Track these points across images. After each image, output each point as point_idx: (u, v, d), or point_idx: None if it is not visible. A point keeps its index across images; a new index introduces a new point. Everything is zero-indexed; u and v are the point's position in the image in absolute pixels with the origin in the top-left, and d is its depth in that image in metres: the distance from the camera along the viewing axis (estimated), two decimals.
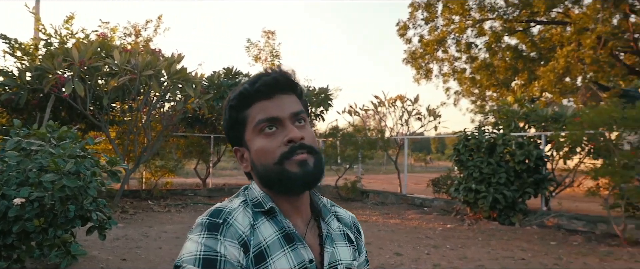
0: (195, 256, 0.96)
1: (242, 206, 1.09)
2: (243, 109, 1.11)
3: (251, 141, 1.10)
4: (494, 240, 8.45)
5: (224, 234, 1.00)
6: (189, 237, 1.01)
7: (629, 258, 7.11)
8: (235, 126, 1.14)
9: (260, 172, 1.10)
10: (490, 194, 10.12)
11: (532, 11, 17.61)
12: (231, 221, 1.03)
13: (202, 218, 1.03)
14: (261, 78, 1.10)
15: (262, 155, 1.08)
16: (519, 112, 11.62)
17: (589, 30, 14.04)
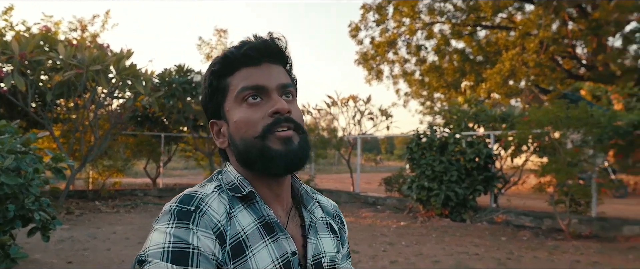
0: (163, 248, 0.85)
1: (216, 191, 0.97)
2: (225, 75, 1.01)
3: (231, 111, 1.00)
4: (447, 237, 8.63)
5: (196, 224, 0.89)
6: (155, 227, 0.89)
7: (575, 251, 7.42)
8: (214, 95, 1.02)
9: (239, 147, 0.99)
10: (442, 192, 10.34)
11: (478, 15, 18.19)
12: (205, 208, 0.92)
13: (170, 205, 0.91)
14: (249, 42, 1.00)
15: (243, 127, 0.97)
16: (469, 112, 11.95)
17: (532, 35, 14.63)
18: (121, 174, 13.96)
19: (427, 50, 19.77)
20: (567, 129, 8.79)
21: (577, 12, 16.66)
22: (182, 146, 15.89)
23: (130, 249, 7.13)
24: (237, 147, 0.99)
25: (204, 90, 1.05)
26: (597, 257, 7.04)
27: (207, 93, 1.04)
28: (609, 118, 8.60)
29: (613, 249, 7.57)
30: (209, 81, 1.02)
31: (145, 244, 0.88)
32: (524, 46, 14.93)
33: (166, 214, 0.90)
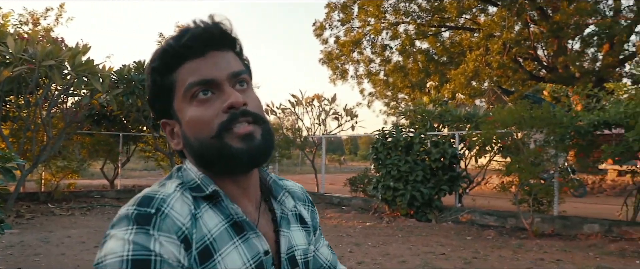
0: (121, 257, 0.76)
1: (178, 191, 0.88)
2: (169, 71, 0.91)
3: (182, 111, 0.91)
4: (413, 237, 8.57)
5: (158, 228, 0.80)
6: (111, 233, 0.80)
7: (539, 250, 7.46)
8: (160, 94, 0.93)
9: (196, 148, 0.90)
10: (408, 192, 10.30)
11: (442, 16, 18.34)
12: (166, 211, 0.83)
13: (127, 209, 0.82)
14: (189, 31, 0.89)
15: (196, 127, 0.89)
16: (434, 113, 11.97)
17: (495, 36, 14.82)
18: (76, 175, 13.41)
19: (392, 50, 19.84)
20: (530, 129, 8.86)
21: (539, 15, 16.99)
22: (141, 146, 15.40)
23: (86, 254, 6.78)
24: (192, 148, 0.91)
25: (148, 88, 0.96)
26: (560, 255, 7.10)
27: (152, 92, 0.95)
28: (571, 118, 8.72)
29: (575, 247, 7.65)
30: (152, 79, 0.93)
31: (99, 253, 0.79)
32: (487, 47, 15.11)
33: (123, 218, 0.81)
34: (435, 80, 18.20)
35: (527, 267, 6.37)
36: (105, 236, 0.81)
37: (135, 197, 0.85)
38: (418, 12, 18.16)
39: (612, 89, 9.83)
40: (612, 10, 17.32)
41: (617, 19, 16.51)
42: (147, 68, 0.95)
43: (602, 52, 17.75)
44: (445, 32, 19.74)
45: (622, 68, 18.22)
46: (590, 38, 18.00)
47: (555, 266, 6.42)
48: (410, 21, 18.02)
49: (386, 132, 11.28)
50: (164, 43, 0.92)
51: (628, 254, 7.09)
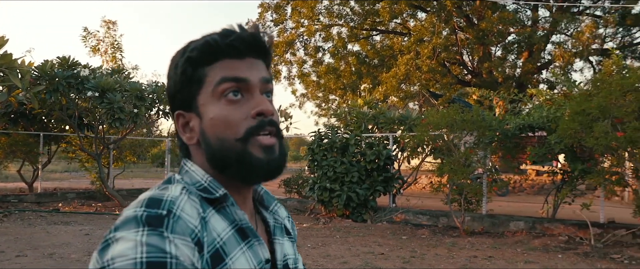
0: (134, 259, 0.71)
1: (185, 193, 0.84)
2: (203, 64, 0.89)
3: (206, 105, 0.89)
4: (351, 237, 8.67)
5: (171, 230, 0.76)
6: (117, 236, 0.74)
7: (471, 247, 7.78)
8: (187, 85, 0.90)
9: (214, 147, 0.88)
10: (344, 192, 10.41)
11: (374, 20, 18.73)
12: (178, 213, 0.79)
13: (134, 210, 0.77)
14: (236, 33, 0.89)
15: (222, 126, 0.87)
16: (368, 114, 12.19)
17: (425, 41, 15.31)
18: None
19: (325, 52, 20.00)
20: (461, 131, 9.22)
21: (465, 22, 17.76)
22: (63, 146, 14.54)
23: (6, 264, 6.28)
24: (210, 147, 0.89)
25: (173, 77, 0.93)
26: (491, 252, 7.43)
27: (178, 81, 0.91)
28: (499, 122, 9.17)
29: (503, 244, 8.05)
30: (183, 67, 0.90)
31: (102, 257, 0.73)
32: (418, 52, 15.58)
33: (130, 220, 0.76)
34: (367, 82, 18.53)
35: (463, 264, 6.62)
36: (106, 240, 0.76)
37: (138, 200, 0.81)
38: (351, 15, 18.44)
39: (532, 94, 10.45)
40: (531, 20, 18.42)
41: (535, 29, 17.59)
42: (178, 56, 0.92)
43: (522, 59, 18.82)
44: (376, 36, 20.15)
45: (540, 74, 19.44)
46: (511, 45, 19.06)
47: (488, 263, 6.71)
48: (344, 24, 18.26)
49: (322, 133, 11.35)
50: (208, 37, 0.90)
51: (551, 249, 7.55)
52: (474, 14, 17.58)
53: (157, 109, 11.42)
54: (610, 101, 7.00)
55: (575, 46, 16.28)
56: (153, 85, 11.31)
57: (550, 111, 8.76)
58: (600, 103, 7.06)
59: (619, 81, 6.92)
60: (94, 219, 10.40)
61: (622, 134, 6.62)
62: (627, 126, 6.71)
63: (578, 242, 8.04)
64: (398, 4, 15.98)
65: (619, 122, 6.99)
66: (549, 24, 17.81)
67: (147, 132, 16.29)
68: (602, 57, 18.50)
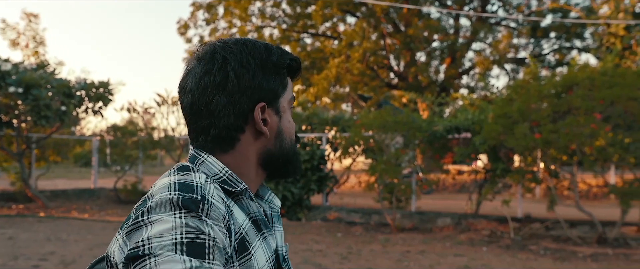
0: (173, 240, 0.71)
1: (210, 181, 0.88)
2: (291, 75, 1.03)
3: (285, 110, 1.00)
4: (288, 235, 8.82)
5: (207, 214, 0.78)
6: (153, 218, 0.75)
7: (403, 243, 8.18)
8: (279, 85, 0.97)
9: (285, 147, 1.00)
10: (279, 192, 10.55)
11: (305, 23, 19.00)
12: (210, 199, 0.82)
13: (169, 194, 0.79)
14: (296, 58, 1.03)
15: (292, 131, 1.03)
16: (302, 115, 12.41)
17: (356, 45, 15.78)
18: None
19: None
20: (393, 132, 9.65)
21: (393, 28, 18.47)
22: None
23: None
24: (283, 146, 1.00)
25: (268, 73, 0.96)
26: (423, 247, 7.86)
27: (274, 79, 0.97)
28: (428, 123, 9.69)
29: (433, 239, 8.52)
30: (281, 71, 0.98)
31: (134, 240, 0.73)
32: (348, 55, 16.01)
33: (164, 203, 0.77)
34: (298, 84, 18.76)
35: (397, 259, 6.97)
36: (136, 223, 0.77)
37: (167, 184, 0.83)
38: (283, 17, 18.60)
39: (455, 97, 11.14)
40: (453, 29, 19.47)
41: (457, 37, 18.62)
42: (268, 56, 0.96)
43: (445, 65, 19.83)
44: (307, 38, 20.46)
45: (461, 80, 20.58)
46: (433, 51, 20.03)
47: (420, 257, 7.11)
48: (276, 26, 18.39)
49: None
50: (294, 55, 1.02)
51: (476, 243, 8.10)
52: (401, 21, 18.31)
53: (86, 107, 10.98)
54: (528, 106, 7.63)
55: (493, 54, 17.40)
56: (82, 82, 10.86)
57: (474, 114, 9.38)
58: (520, 107, 7.69)
59: (537, 87, 7.57)
60: (16, 222, 9.85)
61: (539, 136, 7.24)
62: (543, 128, 7.35)
63: (500, 235, 8.68)
64: (330, 9, 16.34)
65: (536, 125, 7.64)
66: (469, 32, 18.90)
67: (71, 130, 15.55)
68: (516, 65, 19.91)
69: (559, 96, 7.29)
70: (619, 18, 8.31)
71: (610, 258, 6.84)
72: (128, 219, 0.84)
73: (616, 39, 8.47)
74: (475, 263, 6.70)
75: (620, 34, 8.43)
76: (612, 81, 6.88)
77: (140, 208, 0.80)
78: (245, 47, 0.97)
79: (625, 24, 8.23)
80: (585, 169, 8.32)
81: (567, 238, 8.00)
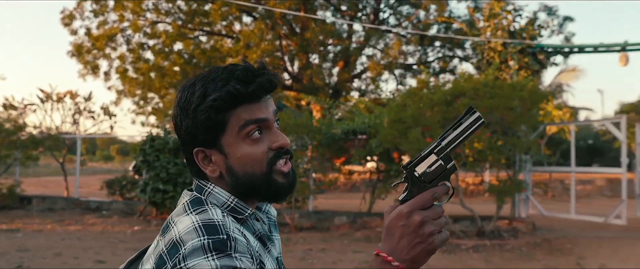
0: None
1: (226, 216, 0.96)
2: (227, 110, 0.97)
3: (232, 145, 0.99)
4: None
5: (235, 250, 0.88)
6: (190, 265, 0.85)
7: (304, 242, 8.47)
8: (210, 128, 0.98)
9: (243, 180, 1.00)
10: (178, 194, 10.35)
11: (201, 20, 18.65)
12: (234, 235, 0.91)
13: (201, 240, 0.87)
14: (256, 80, 0.98)
15: (249, 163, 0.99)
16: None
17: (254, 45, 15.85)
18: None
19: (149, 49, 19.26)
20: (294, 134, 9.92)
21: (289, 30, 18.77)
22: None
23: None
24: (238, 179, 1.00)
25: (193, 119, 0.98)
26: (323, 245, 8.21)
27: (201, 125, 0.98)
28: (327, 126, 10.08)
29: (331, 237, 8.91)
30: (207, 114, 0.97)
31: None
32: (246, 56, 16.04)
33: (198, 250, 0.86)
34: None
35: (301, 257, 7.23)
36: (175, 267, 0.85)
37: (193, 228, 0.89)
38: (179, 14, 18.13)
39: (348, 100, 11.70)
40: (347, 34, 20.24)
41: (351, 42, 19.41)
42: (198, 101, 0.97)
43: (338, 68, 20.54)
44: (203, 36, 20.11)
45: (353, 83, 21.46)
46: (327, 54, 20.67)
47: (322, 255, 7.43)
48: (172, 22, 17.86)
49: (154, 134, 11.11)
50: (229, 86, 0.96)
51: (372, 240, 8.62)
52: (297, 24, 18.68)
53: None
54: (421, 112, 8.29)
55: (384, 59, 18.39)
56: None
57: (371, 118, 9.94)
58: (414, 113, 8.32)
59: (429, 95, 8.24)
60: None
61: (430, 140, 7.90)
62: (434, 133, 8.03)
63: None
64: (229, 7, 16.24)
65: (427, 130, 8.31)
66: (362, 38, 19.77)
67: None
68: (404, 70, 21.19)
69: (448, 103, 7.99)
70: (498, 35, 9.31)
71: (488, 248, 7.66)
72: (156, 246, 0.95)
73: (495, 54, 9.48)
74: None
75: (498, 49, 9.44)
76: (492, 91, 7.71)
77: (174, 254, 0.87)
78: (182, 93, 1.00)
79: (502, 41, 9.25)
80: (467, 169, 9.17)
81: (452, 232, 8.78)
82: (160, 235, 0.99)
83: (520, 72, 9.43)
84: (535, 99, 8.20)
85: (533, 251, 7.29)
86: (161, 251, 0.91)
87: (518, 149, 8.35)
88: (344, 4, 19.89)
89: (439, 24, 18.31)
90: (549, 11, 15.96)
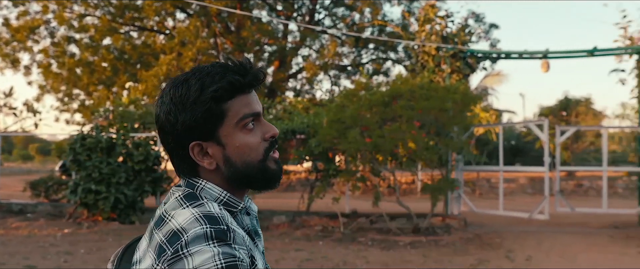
0: (215, 266, 0.88)
1: (222, 209, 1.00)
2: (225, 101, 1.02)
3: (229, 136, 1.03)
4: (126, 239, 8.26)
5: (233, 240, 0.93)
6: (193, 250, 0.89)
7: None
8: (209, 119, 1.01)
9: (240, 169, 1.05)
10: (112, 194, 9.99)
11: (132, 15, 18.03)
12: (232, 227, 0.96)
13: (203, 228, 0.91)
14: (249, 70, 1.04)
15: (247, 152, 1.04)
16: (135, 114, 11.88)
17: (189, 43, 15.53)
18: None
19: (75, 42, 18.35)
20: None
21: (224, 29, 18.54)
22: None
23: None
24: (236, 169, 1.04)
25: (191, 112, 1.01)
26: (266, 244, 8.22)
27: (201, 116, 1.01)
28: None
29: (271, 236, 8.93)
30: (208, 105, 1.00)
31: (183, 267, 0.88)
32: (180, 53, 15.70)
33: (200, 237, 0.90)
34: (123, 79, 17.73)
35: None
36: (175, 255, 0.89)
37: (195, 218, 0.93)
38: (109, 7, 17.41)
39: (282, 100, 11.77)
40: (282, 34, 20.28)
41: (287, 42, 19.46)
42: (197, 93, 1.00)
43: (273, 68, 20.54)
44: (134, 32, 19.44)
45: (288, 83, 21.52)
46: (262, 54, 20.62)
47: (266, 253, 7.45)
48: (102, 16, 17.13)
49: (85, 133, 10.65)
50: (229, 76, 1.01)
51: (312, 238, 8.74)
52: (232, 22, 18.49)
53: None
54: (360, 113, 8.50)
55: (320, 60, 18.60)
56: None
57: (310, 118, 10.05)
58: (353, 114, 8.52)
59: (368, 96, 8.47)
60: None
61: (369, 140, 8.13)
62: (372, 133, 8.26)
63: (331, 230, 9.44)
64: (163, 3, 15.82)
65: (365, 130, 8.53)
66: (298, 38, 19.88)
67: None
68: (338, 71, 21.52)
69: (386, 104, 8.25)
70: (432, 40, 9.71)
71: (425, 244, 7.99)
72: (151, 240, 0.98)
73: (429, 57, 9.88)
74: (316, 256, 7.27)
75: (432, 53, 9.85)
76: (428, 94, 8.05)
77: (175, 241, 0.91)
78: (173, 90, 1.03)
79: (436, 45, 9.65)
80: (404, 169, 9.50)
81: (389, 229, 9.07)
82: (154, 229, 1.00)
83: (453, 75, 9.88)
84: (467, 102, 8.64)
85: (466, 246, 7.69)
86: (159, 241, 0.94)
87: (451, 149, 8.76)
88: (279, 4, 19.92)
89: (374, 27, 18.74)
90: (477, 18, 16.78)
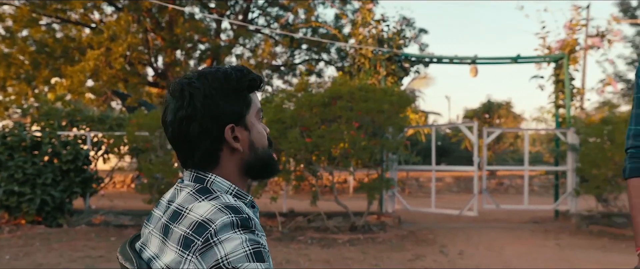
0: (246, 252, 0.97)
1: (236, 200, 1.12)
2: (253, 91, 1.21)
3: (254, 124, 1.19)
4: (54, 243, 8.08)
5: (255, 228, 1.05)
6: (222, 238, 0.98)
7: None
8: (245, 105, 1.17)
9: (260, 155, 1.19)
10: (37, 196, 9.48)
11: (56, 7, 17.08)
12: (251, 216, 1.06)
13: (230, 217, 1.01)
14: (257, 74, 1.22)
15: (263, 139, 1.20)
16: (62, 111, 11.32)
17: (120, 38, 14.96)
18: None
19: None
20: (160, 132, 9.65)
21: (154, 25, 18.00)
22: None
23: None
24: (257, 155, 1.19)
25: (238, 96, 1.16)
26: None
27: (243, 100, 1.17)
28: None
29: None
30: (245, 93, 1.18)
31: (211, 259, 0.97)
32: (109, 48, 15.10)
33: (227, 225, 1.00)
34: (45, 74, 16.73)
35: None
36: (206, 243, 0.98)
37: (217, 209, 1.03)
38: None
39: None
40: (215, 31, 20.01)
41: (220, 40, 19.23)
42: (238, 81, 1.16)
43: (205, 66, 20.21)
44: (56, 24, 18.43)
45: None
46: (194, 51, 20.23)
47: None
48: (21, 6, 16.09)
49: (6, 131, 10.03)
50: (255, 73, 1.20)
51: None
52: (162, 18, 18.00)
53: None
54: (300, 113, 8.62)
55: (254, 59, 18.54)
56: None
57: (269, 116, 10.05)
58: (293, 114, 8.62)
59: (308, 96, 8.60)
60: None
61: (310, 140, 8.26)
62: (313, 133, 8.40)
63: (269, 229, 9.48)
64: None
65: (305, 130, 8.66)
66: (232, 36, 19.70)
67: None
68: (271, 71, 21.51)
69: (326, 105, 8.42)
70: (369, 43, 10.00)
71: (362, 242, 8.24)
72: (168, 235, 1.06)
73: (365, 60, 10.16)
74: None
75: (368, 56, 10.14)
76: (366, 95, 8.30)
77: (203, 232, 0.99)
78: (206, 80, 1.14)
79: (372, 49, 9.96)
80: (341, 169, 9.70)
81: (326, 227, 9.25)
82: (171, 224, 1.08)
83: (388, 78, 10.23)
84: (403, 104, 8.99)
85: (402, 243, 8.01)
86: (184, 233, 1.02)
87: (387, 150, 9.07)
88: (212, 2, 19.63)
89: (307, 28, 18.93)
90: (408, 22, 17.39)
